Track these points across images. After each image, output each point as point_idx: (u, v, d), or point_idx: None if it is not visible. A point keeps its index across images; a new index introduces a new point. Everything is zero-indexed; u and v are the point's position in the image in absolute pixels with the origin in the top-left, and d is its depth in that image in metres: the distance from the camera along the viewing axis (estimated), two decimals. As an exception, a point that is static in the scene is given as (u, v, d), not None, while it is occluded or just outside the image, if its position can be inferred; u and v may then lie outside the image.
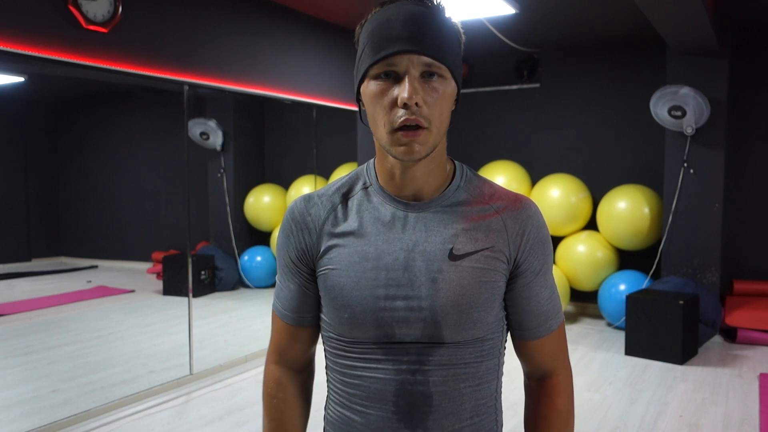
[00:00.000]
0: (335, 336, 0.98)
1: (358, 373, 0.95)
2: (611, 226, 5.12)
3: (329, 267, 0.96)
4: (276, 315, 1.05)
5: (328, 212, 0.98)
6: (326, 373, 1.03)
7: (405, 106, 0.86)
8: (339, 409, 0.99)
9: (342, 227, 0.97)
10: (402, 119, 0.86)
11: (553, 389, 1.02)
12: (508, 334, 1.04)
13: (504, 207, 0.96)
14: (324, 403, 1.07)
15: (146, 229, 6.81)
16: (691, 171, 4.87)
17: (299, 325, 1.03)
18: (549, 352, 1.02)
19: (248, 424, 3.25)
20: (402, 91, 0.86)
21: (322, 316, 1.00)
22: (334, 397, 1.01)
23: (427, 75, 0.88)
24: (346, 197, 0.99)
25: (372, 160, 1.02)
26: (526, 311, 0.99)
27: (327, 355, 1.02)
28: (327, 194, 1.00)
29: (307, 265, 1.00)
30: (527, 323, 1.00)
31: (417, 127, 0.87)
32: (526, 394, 1.07)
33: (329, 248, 0.97)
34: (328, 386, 1.04)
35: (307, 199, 1.01)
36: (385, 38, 0.87)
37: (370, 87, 0.90)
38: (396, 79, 0.88)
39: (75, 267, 7.02)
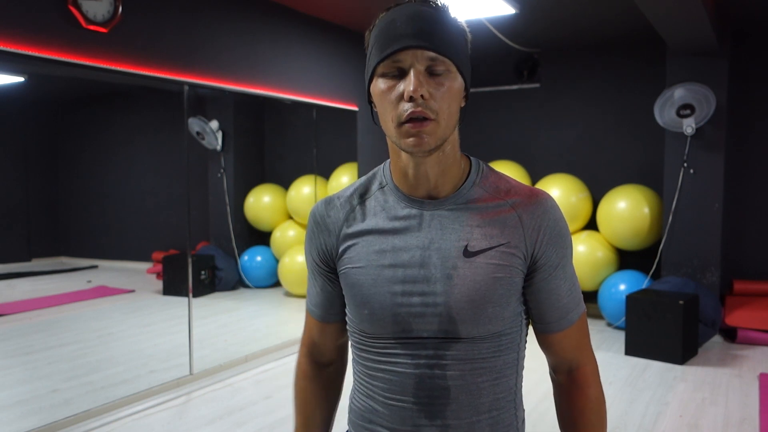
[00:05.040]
0: (358, 331, 1.02)
1: (380, 366, 0.99)
2: (611, 226, 5.12)
3: (349, 266, 1.00)
4: (307, 311, 1.13)
5: (347, 214, 1.02)
6: (353, 365, 1.08)
7: (411, 99, 0.88)
8: (363, 399, 1.03)
9: (360, 227, 1.00)
10: (408, 112, 0.88)
11: (583, 381, 1.03)
12: (529, 328, 1.05)
13: (519, 202, 0.97)
14: (349, 393, 1.12)
15: (146, 229, 6.81)
16: (691, 171, 4.87)
17: (325, 321, 1.10)
18: (572, 344, 1.03)
19: (248, 424, 3.25)
20: (408, 85, 0.88)
21: (347, 312, 1.05)
22: (359, 387, 1.05)
23: (433, 69, 0.89)
24: (363, 198, 1.03)
25: (387, 161, 1.04)
26: (547, 305, 1.00)
27: (352, 348, 1.06)
28: (345, 196, 1.04)
29: (328, 265, 1.04)
30: (548, 317, 1.01)
31: (424, 119, 0.89)
32: (555, 389, 1.08)
33: (348, 248, 1.00)
34: (354, 377, 1.08)
35: (328, 201, 1.05)
36: (390, 37, 0.90)
37: (378, 85, 0.92)
38: (402, 75, 0.90)
39: (75, 267, 7.02)
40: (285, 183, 6.38)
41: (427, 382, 0.95)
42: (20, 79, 5.69)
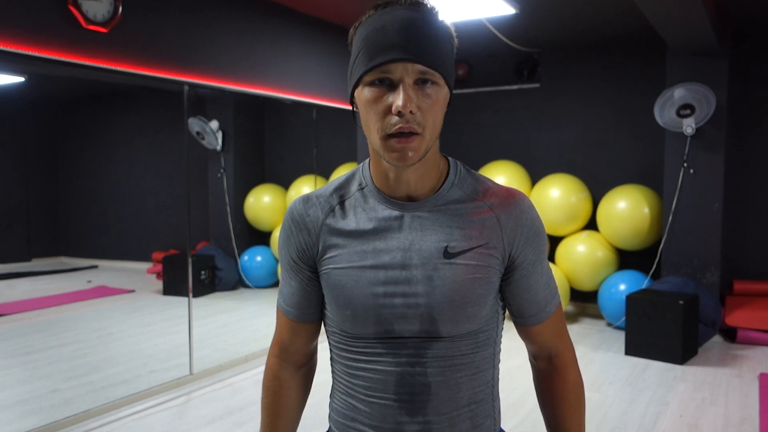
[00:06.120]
0: (338, 331, 1.02)
1: (361, 365, 0.99)
2: (611, 226, 5.12)
3: (330, 266, 1.00)
4: (279, 310, 1.10)
5: (326, 213, 1.01)
6: (331, 364, 1.07)
7: (399, 114, 0.87)
8: (344, 398, 1.04)
9: (340, 228, 1.00)
10: (396, 127, 0.88)
11: (562, 366, 1.08)
12: (504, 323, 1.07)
13: (497, 204, 0.99)
14: (329, 392, 1.11)
15: (146, 229, 6.81)
16: (691, 171, 4.87)
17: (301, 321, 1.08)
18: (551, 333, 1.06)
19: (248, 424, 3.25)
20: (396, 99, 0.87)
21: (326, 312, 1.04)
22: (339, 386, 1.05)
23: (421, 82, 0.89)
24: (342, 198, 1.02)
25: (367, 160, 1.04)
26: (527, 300, 1.03)
27: (331, 348, 1.06)
28: (324, 195, 1.03)
29: (307, 264, 1.04)
30: (528, 311, 1.04)
31: (410, 134, 0.88)
32: (536, 374, 1.12)
33: (329, 248, 1.00)
34: (333, 377, 1.08)
35: (306, 200, 1.04)
36: (380, 45, 0.88)
37: (364, 93, 0.91)
38: (390, 85, 0.89)
39: (75, 267, 7.02)
40: (285, 183, 6.38)
41: (408, 379, 0.96)
42: (20, 79, 5.69)
